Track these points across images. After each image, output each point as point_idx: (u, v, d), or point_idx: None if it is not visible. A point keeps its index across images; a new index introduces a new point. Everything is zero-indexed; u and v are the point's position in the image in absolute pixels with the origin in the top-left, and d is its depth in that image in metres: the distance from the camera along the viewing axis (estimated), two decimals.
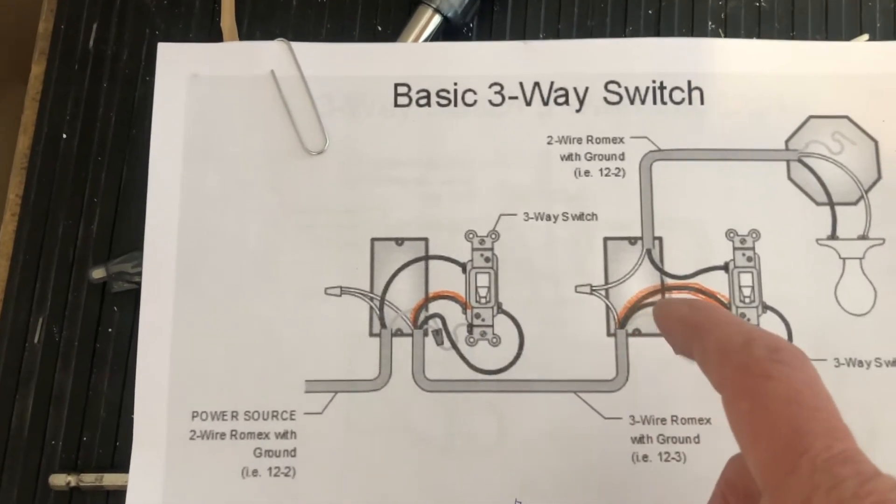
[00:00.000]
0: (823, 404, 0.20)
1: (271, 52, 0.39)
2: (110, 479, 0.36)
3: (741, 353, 0.21)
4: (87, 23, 0.41)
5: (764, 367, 0.21)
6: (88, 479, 0.36)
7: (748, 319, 0.37)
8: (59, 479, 0.36)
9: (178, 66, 0.39)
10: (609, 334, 0.37)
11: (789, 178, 0.38)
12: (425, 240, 0.38)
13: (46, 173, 0.40)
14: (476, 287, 0.37)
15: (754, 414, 0.20)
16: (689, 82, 0.39)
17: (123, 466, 0.36)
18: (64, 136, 0.40)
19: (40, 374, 0.38)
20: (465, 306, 0.37)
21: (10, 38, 0.50)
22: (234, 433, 0.36)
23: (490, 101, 0.39)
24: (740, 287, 0.37)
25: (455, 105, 0.39)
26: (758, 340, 0.21)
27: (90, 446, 0.37)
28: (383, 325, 0.37)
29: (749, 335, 0.22)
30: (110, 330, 0.38)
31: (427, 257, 0.37)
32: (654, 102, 0.38)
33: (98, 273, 0.38)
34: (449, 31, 0.40)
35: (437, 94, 0.39)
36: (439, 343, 0.37)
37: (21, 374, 0.38)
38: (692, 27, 0.41)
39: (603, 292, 0.37)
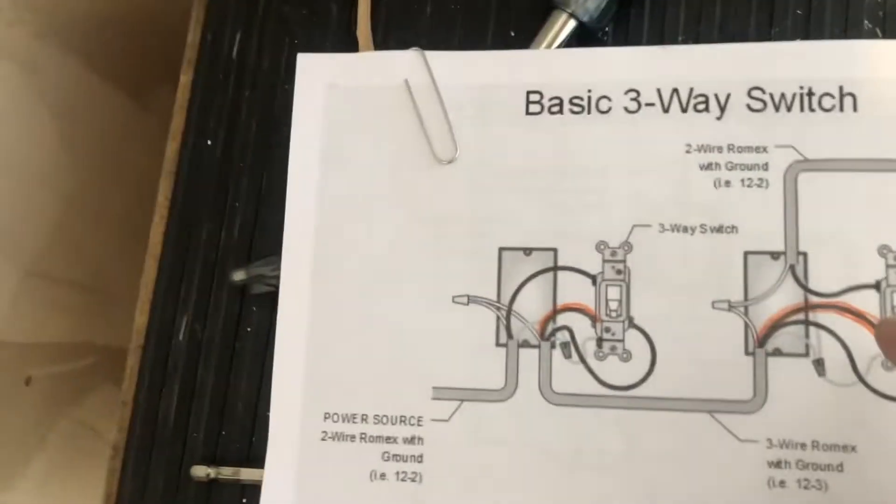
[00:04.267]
0: None
1: (405, 62, 0.39)
2: (247, 474, 0.38)
3: None
4: (230, 33, 0.43)
5: None
6: (227, 472, 0.38)
7: None
8: (199, 471, 0.38)
9: (316, 75, 0.40)
10: (747, 353, 0.35)
11: None
12: (554, 250, 0.37)
13: (193, 178, 0.42)
14: (606, 300, 0.36)
15: None
16: (841, 88, 0.36)
17: (259, 462, 0.37)
18: (209, 142, 0.42)
19: (184, 370, 0.40)
20: (594, 319, 0.36)
21: (160, 48, 0.53)
22: (363, 436, 0.37)
23: (625, 108, 0.38)
24: (893, 308, 0.35)
25: (588, 112, 0.38)
26: None
27: (228, 441, 0.39)
28: (510, 336, 0.37)
29: None
30: (249, 330, 0.40)
31: (556, 268, 0.37)
32: (802, 110, 0.36)
33: (238, 275, 0.39)
34: (583, 37, 0.40)
35: (571, 102, 0.38)
36: (567, 356, 0.36)
37: (167, 369, 0.40)
38: (846, 27, 0.38)
39: (742, 309, 0.35)
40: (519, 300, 0.37)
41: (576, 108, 0.38)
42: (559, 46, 0.39)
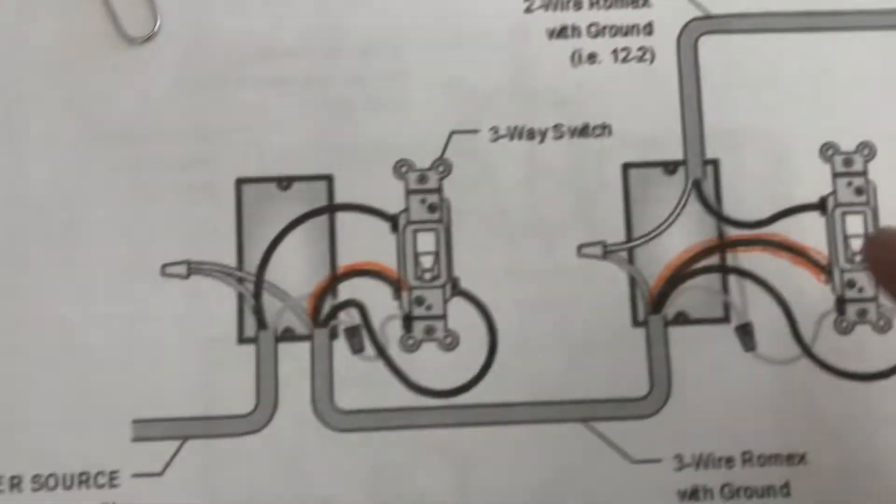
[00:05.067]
0: None
1: None
2: None
3: None
4: None
5: None
6: None
7: (861, 289, 0.22)
8: None
9: None
10: (636, 323, 0.22)
11: None
12: (328, 178, 0.23)
13: None
14: (416, 254, 0.22)
15: None
16: None
17: None
18: None
19: None
20: (398, 286, 0.22)
21: None
22: None
23: None
24: (846, 237, 0.22)
25: None
26: None
27: None
28: (262, 325, 0.22)
29: None
30: None
31: (332, 207, 0.23)
32: None
33: None
34: None
35: None
36: (357, 349, 0.22)
37: None
38: None
39: (624, 254, 0.22)
40: (275, 265, 0.22)
41: None
42: None
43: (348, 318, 0.22)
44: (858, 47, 0.23)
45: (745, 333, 0.22)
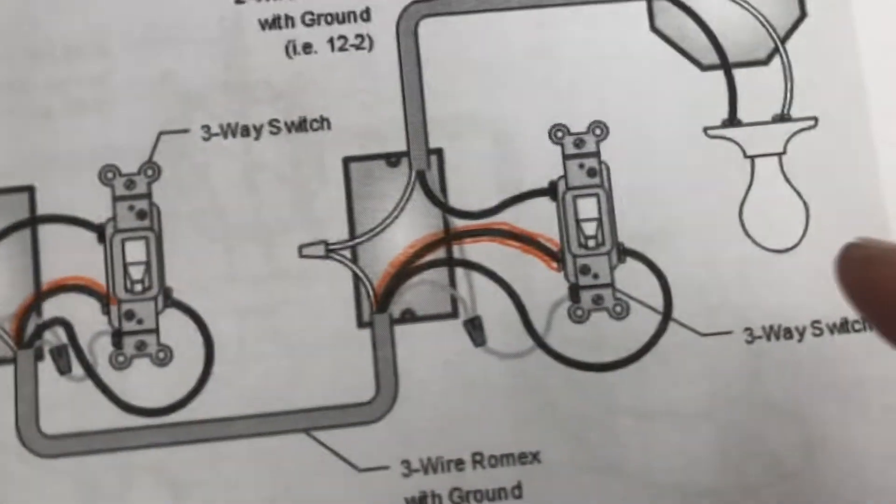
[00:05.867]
0: None
1: None
2: None
3: None
4: None
5: None
6: None
7: (596, 275, 0.21)
8: None
9: None
10: (361, 324, 0.21)
11: (653, 28, 0.22)
12: (29, 189, 0.21)
13: None
14: (125, 265, 0.21)
15: None
16: None
17: None
18: None
19: None
20: (107, 301, 0.21)
21: None
22: None
23: None
24: (579, 222, 0.21)
25: None
26: None
27: None
28: None
29: None
30: None
31: (34, 220, 0.21)
32: None
33: None
34: None
35: None
36: (64, 371, 0.21)
37: None
38: None
39: (346, 253, 0.21)
40: None
41: None
42: None
43: (54, 337, 0.21)
44: (587, 22, 0.22)
45: (475, 328, 0.21)
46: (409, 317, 0.21)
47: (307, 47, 0.22)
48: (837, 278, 0.14)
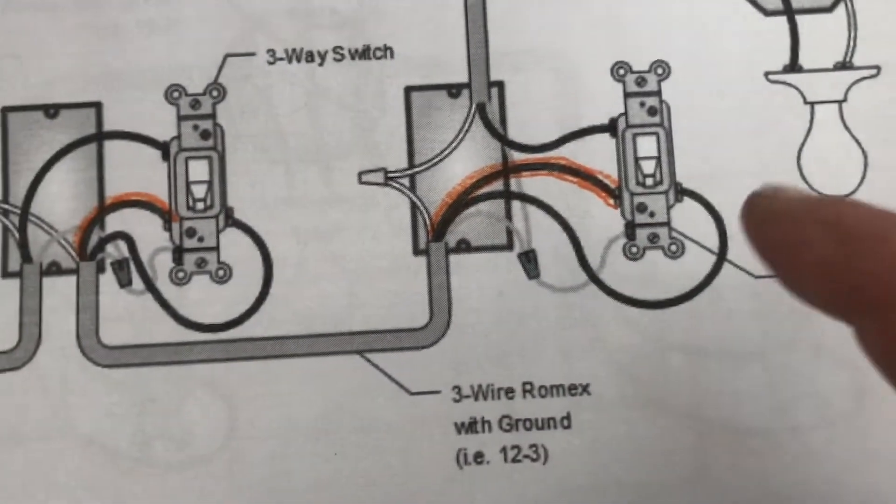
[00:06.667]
0: None
1: None
2: None
3: None
4: None
5: None
6: None
7: (653, 214, 0.21)
8: None
9: None
10: (417, 252, 0.21)
11: None
12: (96, 105, 0.22)
13: None
14: (188, 183, 0.21)
15: None
16: None
17: None
18: None
19: None
20: (168, 217, 0.21)
21: None
22: None
23: None
24: (637, 160, 0.22)
25: None
26: None
27: None
28: (26, 258, 0.21)
29: None
30: None
31: (101, 136, 0.22)
32: None
33: None
34: None
35: None
36: (125, 283, 0.21)
37: None
38: None
39: (406, 181, 0.21)
40: (41, 197, 0.21)
41: None
42: None
43: (116, 250, 0.21)
44: None
45: (529, 261, 0.21)
46: (464, 247, 0.21)
47: None
48: (742, 231, 0.13)
